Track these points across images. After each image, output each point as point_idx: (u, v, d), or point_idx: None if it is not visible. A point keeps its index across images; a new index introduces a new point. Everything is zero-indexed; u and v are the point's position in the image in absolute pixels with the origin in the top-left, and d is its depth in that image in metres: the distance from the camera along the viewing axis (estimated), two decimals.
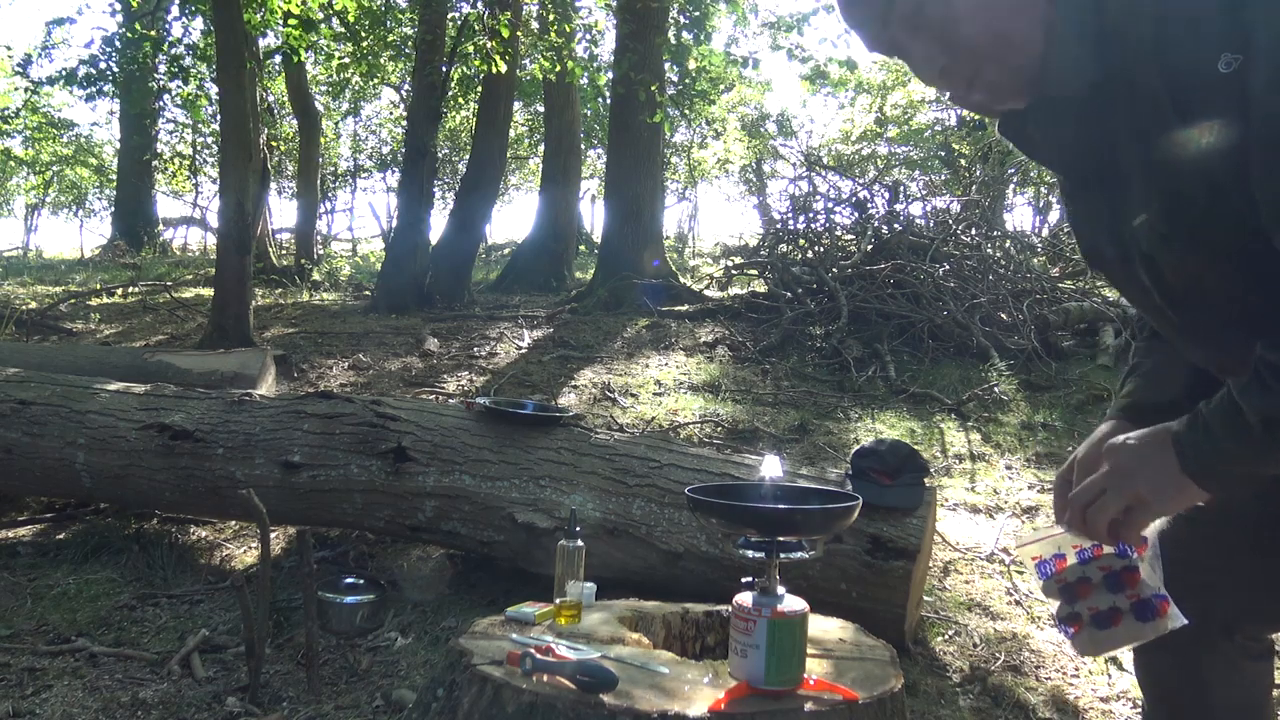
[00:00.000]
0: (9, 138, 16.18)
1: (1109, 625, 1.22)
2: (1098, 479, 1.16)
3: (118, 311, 9.27)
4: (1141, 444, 1.12)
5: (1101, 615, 1.22)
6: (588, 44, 10.61)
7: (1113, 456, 1.15)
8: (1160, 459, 1.10)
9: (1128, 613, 1.21)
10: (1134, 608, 1.21)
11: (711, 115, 17.39)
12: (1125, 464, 1.13)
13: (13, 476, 3.53)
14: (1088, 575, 1.23)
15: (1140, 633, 1.22)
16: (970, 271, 7.58)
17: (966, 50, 1.11)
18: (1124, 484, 1.13)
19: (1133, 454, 1.13)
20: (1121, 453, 1.14)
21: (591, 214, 25.64)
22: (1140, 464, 1.12)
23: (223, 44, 7.18)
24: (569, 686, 1.36)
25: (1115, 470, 1.14)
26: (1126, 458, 1.13)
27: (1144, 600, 1.21)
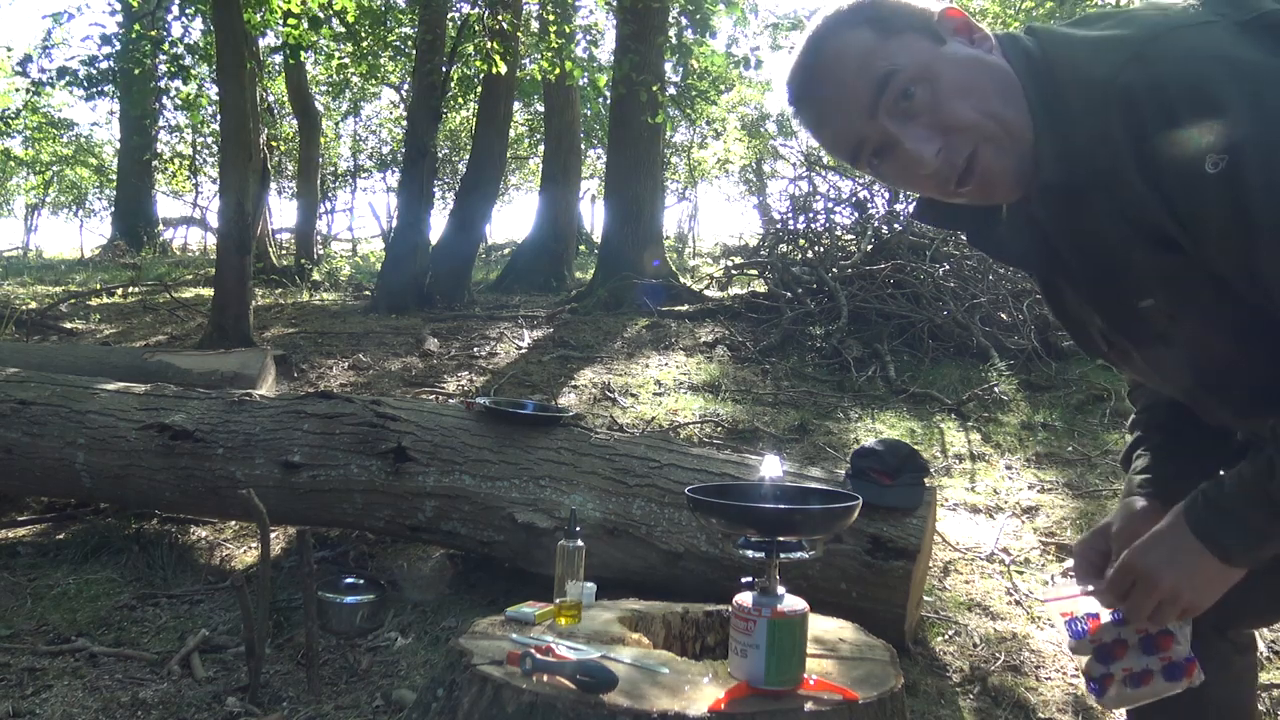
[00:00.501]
0: (9, 138, 16.18)
1: (1140, 685, 1.24)
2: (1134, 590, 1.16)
3: (118, 311, 9.27)
4: (1169, 551, 1.12)
5: (1135, 676, 1.23)
6: (587, 44, 10.62)
7: (1141, 565, 1.15)
8: (1194, 563, 1.10)
9: (1158, 673, 1.23)
10: (1165, 669, 1.23)
11: (711, 115, 17.39)
12: (1157, 577, 1.13)
13: (13, 476, 3.53)
14: (1124, 637, 1.24)
15: (1166, 690, 1.24)
16: (970, 271, 7.58)
17: (961, 130, 1.08)
18: (1159, 594, 1.14)
19: (1162, 565, 1.13)
20: (1150, 562, 1.14)
21: (591, 214, 25.66)
22: (1174, 574, 1.12)
23: (223, 44, 7.19)
24: (569, 686, 1.36)
25: (1150, 583, 1.14)
26: (1157, 570, 1.13)
27: (1175, 663, 1.22)
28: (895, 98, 1.09)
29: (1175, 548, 1.11)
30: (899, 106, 1.09)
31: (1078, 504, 4.08)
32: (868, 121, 1.11)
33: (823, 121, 1.16)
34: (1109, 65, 1.02)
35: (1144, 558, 1.15)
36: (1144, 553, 1.15)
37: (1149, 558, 1.14)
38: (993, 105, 1.08)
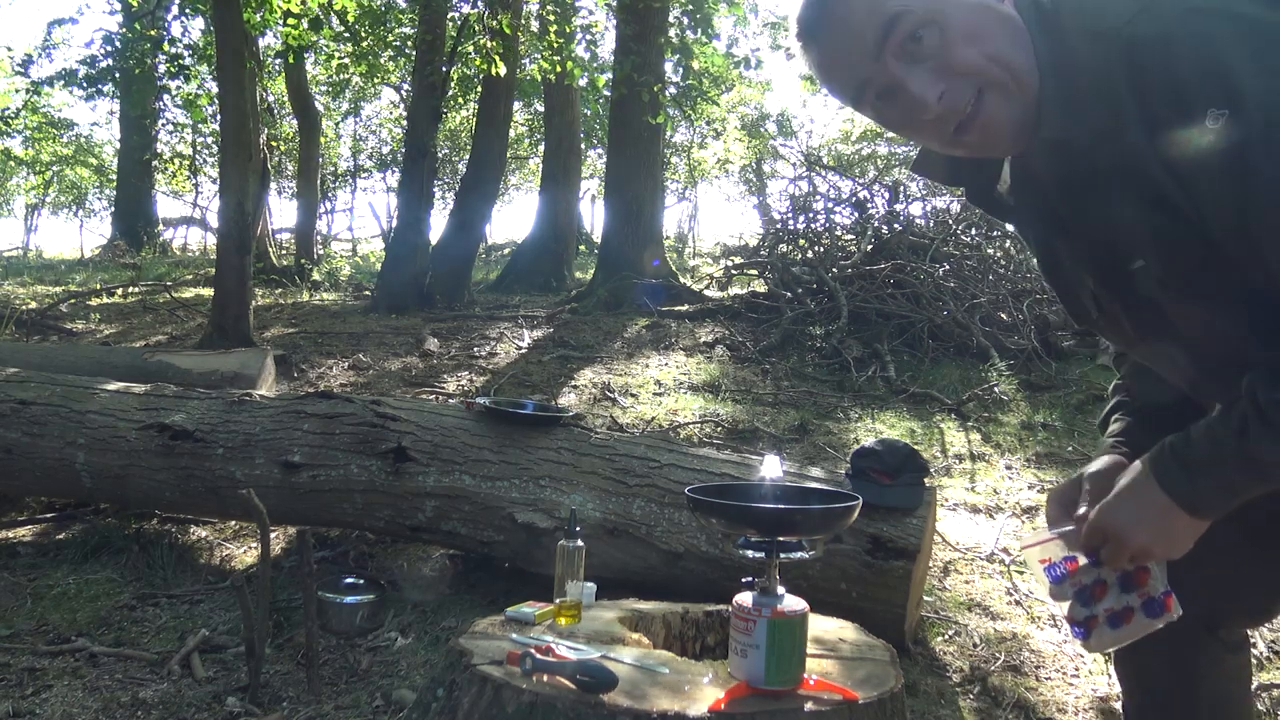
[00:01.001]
0: (9, 138, 16.18)
1: (1121, 624, 1.24)
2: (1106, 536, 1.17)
3: (118, 311, 9.27)
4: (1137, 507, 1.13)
5: (1116, 615, 1.24)
6: (587, 44, 10.62)
7: (1111, 524, 1.16)
8: (1163, 516, 1.11)
9: (1138, 610, 1.24)
10: (1144, 605, 1.23)
11: (711, 115, 17.39)
12: (1127, 534, 1.14)
13: (13, 476, 3.53)
14: (1103, 577, 1.25)
15: (1148, 627, 1.25)
16: (970, 271, 7.58)
17: (967, 73, 1.08)
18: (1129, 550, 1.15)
19: (1130, 522, 1.14)
20: (1119, 520, 1.15)
21: (591, 214, 25.68)
22: (1142, 530, 1.13)
23: (223, 44, 7.19)
24: (569, 686, 1.36)
25: (1120, 540, 1.15)
26: (1127, 526, 1.14)
27: (1153, 598, 1.23)
28: (902, 39, 1.08)
29: (1143, 503, 1.12)
30: (905, 49, 1.08)
31: None
32: (873, 63, 1.10)
33: (827, 61, 1.16)
34: (1115, 17, 1.03)
35: (1113, 516, 1.15)
36: (1113, 511, 1.15)
37: (1118, 516, 1.15)
38: (1000, 51, 1.08)
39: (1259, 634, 2.87)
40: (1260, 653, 2.79)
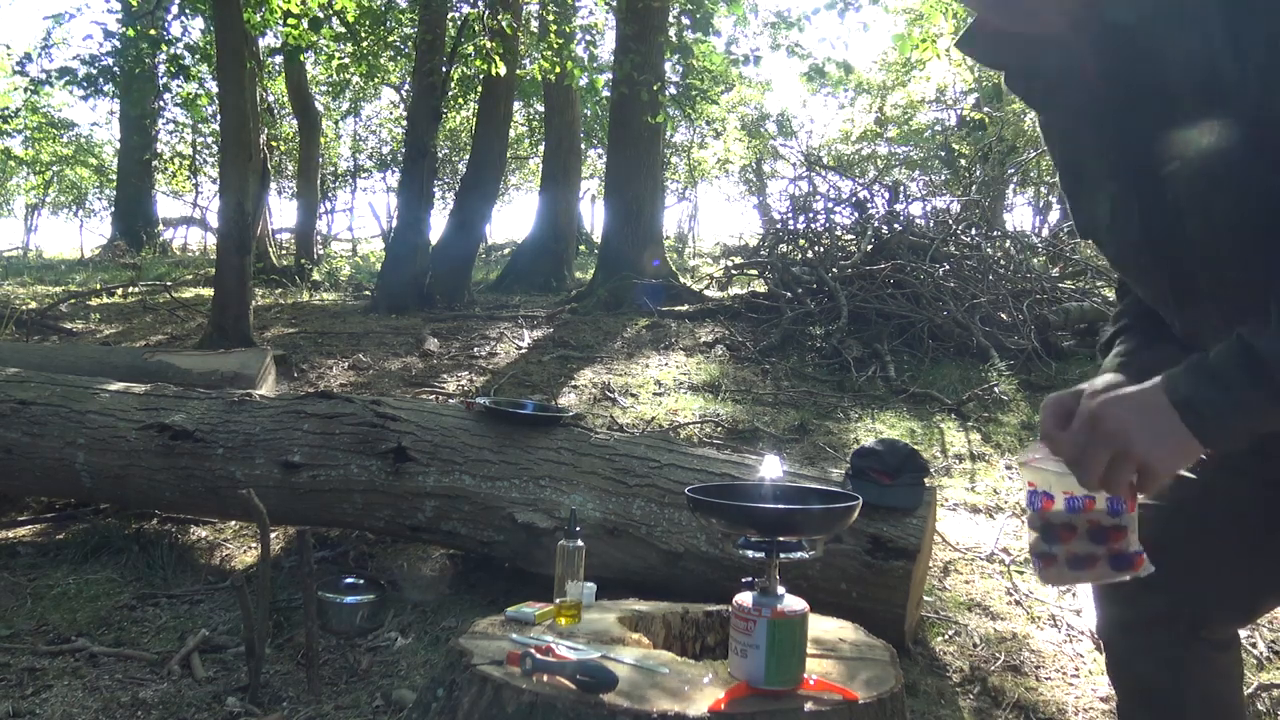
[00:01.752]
0: (9, 138, 16.18)
1: (1083, 568, 1.21)
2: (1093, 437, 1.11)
3: (118, 311, 9.27)
4: (1138, 405, 1.08)
5: (1078, 559, 1.21)
6: (587, 44, 10.61)
7: (1108, 414, 1.10)
8: (1161, 421, 1.05)
9: (1103, 560, 1.20)
10: (1110, 558, 1.20)
11: (711, 115, 17.40)
12: (1120, 426, 1.08)
13: (13, 476, 3.53)
14: (1074, 524, 1.21)
15: (1112, 577, 1.22)
16: (970, 271, 7.58)
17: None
18: (1117, 445, 1.09)
19: (1129, 415, 1.08)
20: (1117, 412, 1.09)
21: (591, 214, 25.68)
22: (1138, 427, 1.07)
23: (223, 43, 7.19)
24: (569, 686, 1.36)
25: (1111, 432, 1.09)
26: (1123, 419, 1.08)
27: (1123, 554, 1.20)
28: None
29: (1145, 405, 1.07)
30: None
31: None
32: None
33: None
34: None
35: (1111, 408, 1.10)
36: (1113, 403, 1.10)
37: (1116, 408, 1.09)
38: None
39: (1259, 634, 2.87)
40: (1260, 653, 2.79)
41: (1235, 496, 1.34)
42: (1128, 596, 1.46)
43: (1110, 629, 1.51)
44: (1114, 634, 1.50)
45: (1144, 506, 1.42)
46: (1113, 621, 1.49)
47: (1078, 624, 2.99)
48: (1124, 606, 1.47)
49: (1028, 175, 16.19)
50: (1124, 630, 1.48)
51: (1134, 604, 1.45)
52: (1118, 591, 1.48)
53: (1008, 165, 13.33)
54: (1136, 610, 1.45)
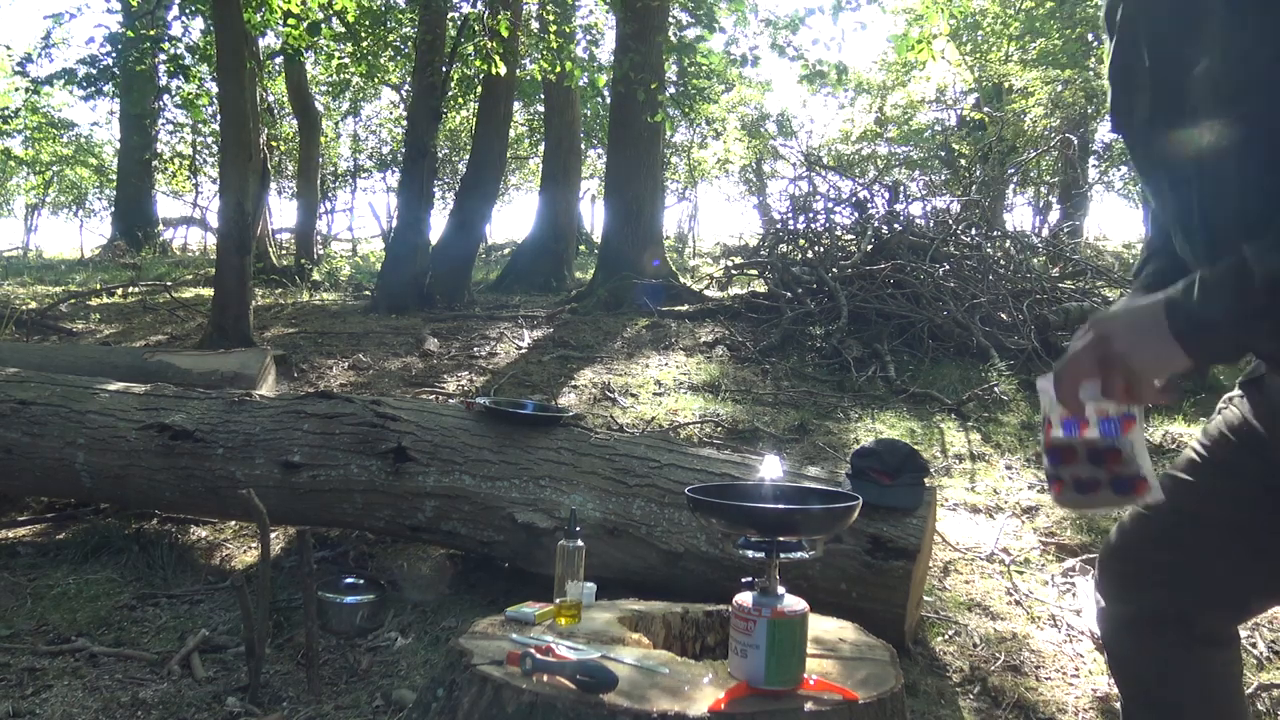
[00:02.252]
0: (9, 138, 16.18)
1: (1089, 491, 1.25)
2: (1084, 344, 1.16)
3: (118, 311, 9.27)
4: (1131, 309, 1.13)
5: (1082, 482, 1.25)
6: (587, 44, 10.63)
7: (1100, 322, 1.15)
8: (1148, 321, 1.09)
9: (1106, 484, 1.24)
10: (1112, 481, 1.23)
11: (711, 115, 17.40)
12: (1110, 328, 1.13)
13: (13, 476, 3.53)
14: (1073, 446, 1.25)
15: (1117, 502, 1.25)
16: (970, 271, 7.58)
17: None
18: (1104, 344, 1.13)
19: (1120, 318, 1.13)
20: (1109, 317, 1.14)
21: (591, 214, 25.69)
22: (1125, 327, 1.12)
23: (223, 44, 7.19)
24: (569, 686, 1.36)
25: (1099, 334, 1.14)
26: (1113, 321, 1.13)
27: (1123, 477, 1.23)
28: None
29: (1140, 313, 1.11)
30: None
31: None
32: None
33: None
34: None
35: (1106, 318, 1.15)
36: (1109, 315, 1.15)
37: (1111, 318, 1.15)
38: None
39: (1259, 634, 2.87)
40: (1260, 653, 2.79)
41: (1236, 500, 1.36)
42: (1127, 594, 1.48)
43: (1110, 627, 1.52)
44: (1114, 632, 1.52)
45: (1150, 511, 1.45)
46: (1113, 620, 1.51)
47: (1078, 624, 2.99)
48: (1123, 604, 1.49)
49: (1028, 175, 16.20)
50: (1124, 628, 1.49)
51: (1133, 602, 1.47)
52: (1117, 590, 1.49)
53: (1008, 165, 13.34)
54: (1136, 608, 1.47)
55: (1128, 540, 1.51)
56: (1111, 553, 1.53)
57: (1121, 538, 1.52)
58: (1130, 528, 1.50)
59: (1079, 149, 14.40)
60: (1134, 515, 1.50)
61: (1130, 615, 1.48)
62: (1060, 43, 15.05)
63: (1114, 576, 1.52)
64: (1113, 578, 1.52)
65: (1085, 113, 14.59)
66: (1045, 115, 13.34)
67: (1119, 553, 1.52)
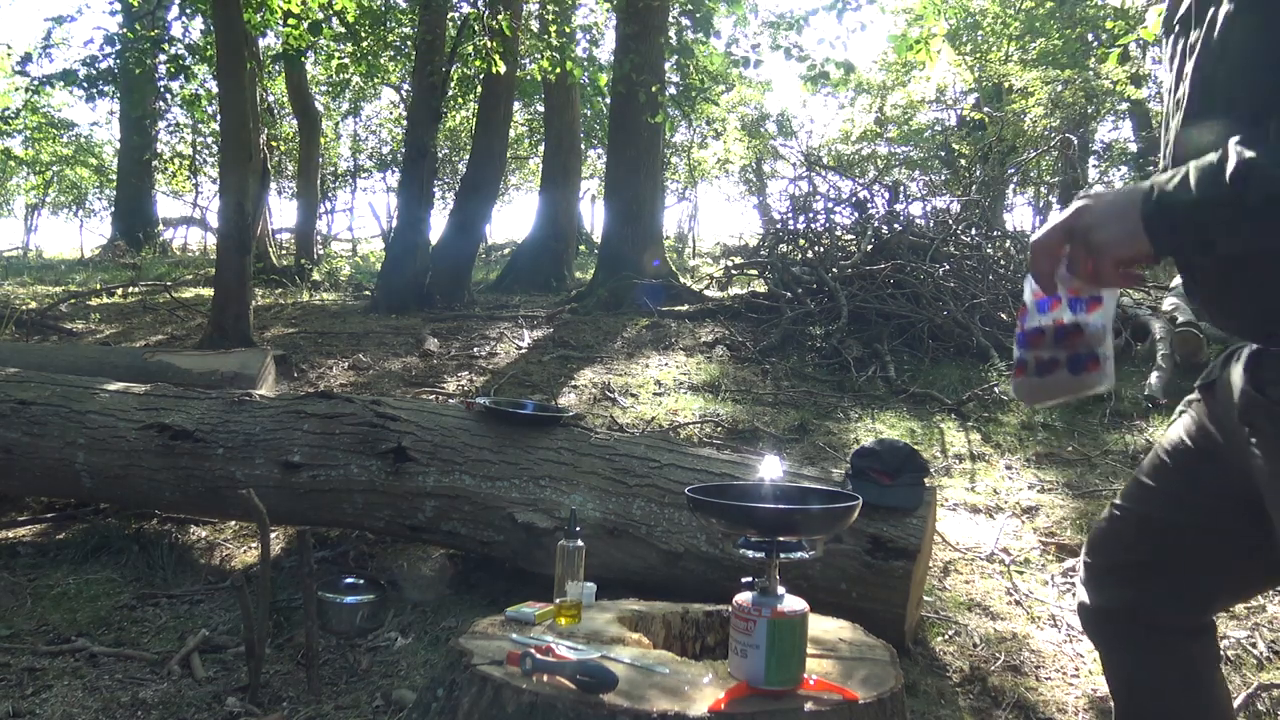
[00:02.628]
0: (9, 138, 16.17)
1: (1047, 373, 1.28)
2: (1060, 218, 1.18)
3: (118, 311, 9.27)
4: (1117, 190, 1.14)
5: (1043, 363, 1.28)
6: (587, 44, 10.63)
7: (1082, 199, 1.16)
8: (1123, 202, 1.11)
9: (1063, 364, 1.26)
10: (1069, 360, 1.26)
11: (711, 115, 17.40)
12: (1086, 205, 1.15)
13: (13, 476, 3.53)
14: (1043, 326, 1.28)
15: (1071, 385, 1.27)
16: (970, 271, 7.58)
17: None
18: (1075, 219, 1.15)
19: (1100, 197, 1.15)
20: (1092, 195, 1.16)
21: (591, 214, 25.69)
22: (1101, 204, 1.13)
23: (223, 44, 7.19)
24: (569, 686, 1.36)
25: (1075, 210, 1.16)
26: (1092, 200, 1.15)
27: (1079, 355, 1.26)
28: None
29: (1117, 196, 1.13)
30: None
31: (1078, 504, 4.08)
32: None
33: None
34: None
35: (1090, 197, 1.16)
36: (1095, 194, 1.17)
37: (1095, 197, 1.16)
38: None
39: (1259, 634, 2.87)
40: (1260, 653, 2.79)
41: (1196, 504, 1.41)
42: (1103, 590, 1.55)
43: (1090, 621, 1.59)
44: (1094, 625, 1.59)
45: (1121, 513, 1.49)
46: (1092, 613, 1.57)
47: (1078, 624, 2.99)
48: (1100, 599, 1.55)
49: (1028, 175, 16.19)
50: (1102, 622, 1.56)
51: (1108, 598, 1.54)
52: (1094, 586, 1.57)
53: (1008, 165, 13.33)
54: (1111, 603, 1.53)
55: (1101, 539, 1.57)
56: (1088, 550, 1.59)
57: (1096, 536, 1.58)
58: (1103, 527, 1.57)
59: (1079, 149, 14.40)
60: (1108, 515, 1.56)
61: (1107, 610, 1.54)
62: (1060, 43, 15.05)
63: (1090, 573, 1.58)
64: (1089, 574, 1.58)
65: (1085, 113, 14.59)
66: (1045, 115, 13.34)
67: (1093, 550, 1.58)
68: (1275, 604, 3.04)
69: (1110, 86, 13.16)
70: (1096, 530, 1.58)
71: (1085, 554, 1.59)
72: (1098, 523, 1.59)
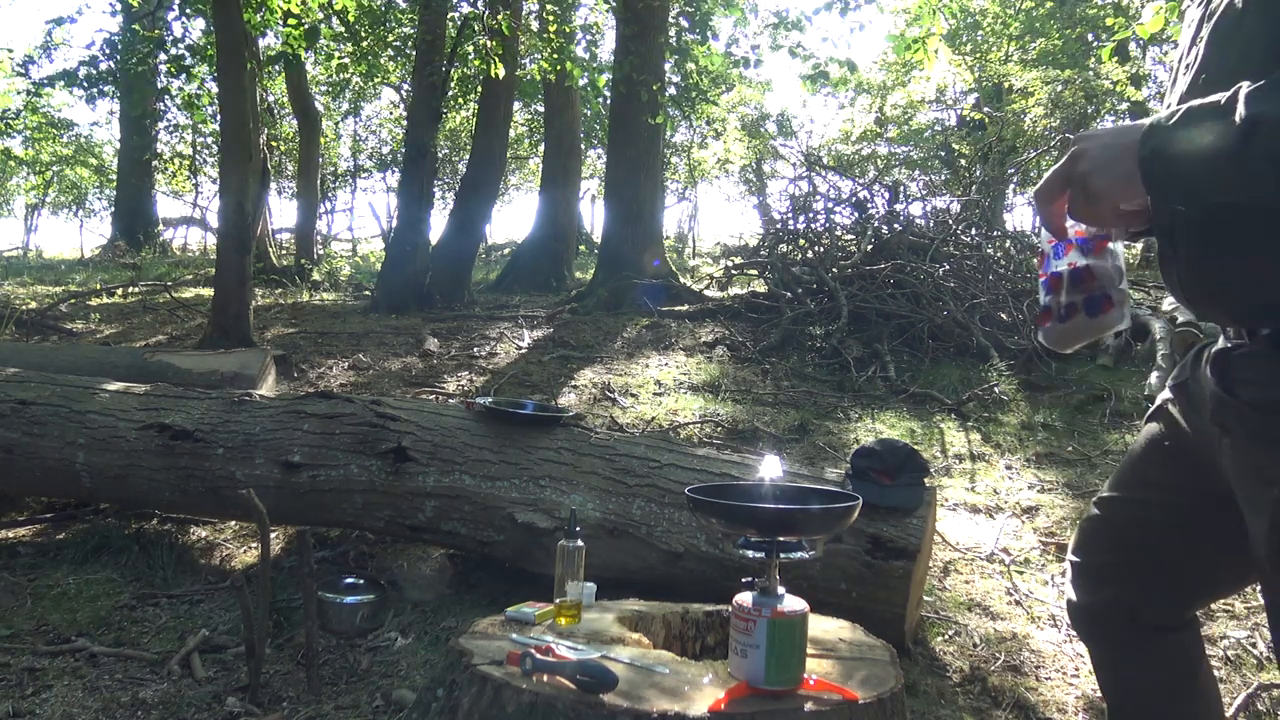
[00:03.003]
0: (9, 138, 16.17)
1: (1068, 318, 1.29)
2: (1061, 163, 1.15)
3: (118, 311, 9.27)
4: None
5: (1063, 308, 1.29)
6: (587, 44, 10.62)
7: (1081, 138, 1.14)
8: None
9: (1081, 308, 1.28)
10: (1085, 302, 1.27)
11: (711, 115, 17.39)
12: (1084, 146, 1.12)
13: (13, 476, 3.53)
14: (1059, 271, 1.29)
15: (1090, 327, 1.28)
16: (970, 271, 7.58)
17: None
18: (1073, 162, 1.12)
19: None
20: (1090, 135, 1.13)
21: (591, 214, 25.70)
22: (1099, 147, 1.10)
23: (223, 44, 7.19)
24: (569, 686, 1.36)
25: (1074, 153, 1.13)
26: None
27: (1093, 297, 1.26)
28: None
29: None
30: None
31: (1078, 504, 4.08)
32: None
33: None
34: None
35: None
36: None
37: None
38: None
39: (1259, 634, 2.87)
40: (1260, 653, 2.79)
41: (1173, 503, 1.43)
42: (1086, 589, 1.58)
43: (1077, 619, 1.62)
44: (1080, 623, 1.61)
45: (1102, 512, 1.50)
46: (1078, 611, 1.60)
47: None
48: (1084, 597, 1.58)
49: (1028, 175, 16.18)
50: (1087, 620, 1.59)
51: (1091, 596, 1.56)
52: (1079, 584, 1.59)
53: (1008, 165, 13.33)
54: (1094, 601, 1.56)
55: (1084, 539, 1.59)
56: (1073, 549, 1.61)
57: (1080, 536, 1.60)
58: (1086, 526, 1.59)
59: None
60: (1090, 515, 1.58)
61: (1091, 608, 1.57)
62: (1060, 43, 15.05)
63: (1076, 571, 1.60)
64: (1076, 573, 1.60)
65: (1085, 113, 14.58)
66: (1045, 115, 13.33)
67: (1077, 550, 1.60)
68: None
69: (1110, 86, 13.15)
70: (1081, 530, 1.60)
71: (1071, 553, 1.62)
72: (1081, 522, 1.61)
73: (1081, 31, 14.96)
